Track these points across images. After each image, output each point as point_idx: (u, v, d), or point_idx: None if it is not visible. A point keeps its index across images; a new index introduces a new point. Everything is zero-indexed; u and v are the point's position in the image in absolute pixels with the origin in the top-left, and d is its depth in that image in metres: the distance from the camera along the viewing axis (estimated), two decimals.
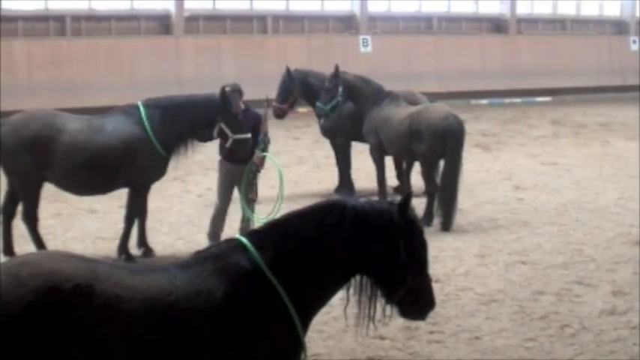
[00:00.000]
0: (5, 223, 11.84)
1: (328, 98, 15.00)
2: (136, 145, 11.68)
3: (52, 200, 14.11)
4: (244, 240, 5.61)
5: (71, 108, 13.75)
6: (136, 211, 12.10)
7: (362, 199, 5.84)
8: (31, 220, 11.78)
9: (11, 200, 11.93)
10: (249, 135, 12.01)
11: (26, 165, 11.48)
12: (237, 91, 12.16)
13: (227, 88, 12.05)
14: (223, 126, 11.93)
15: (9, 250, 11.67)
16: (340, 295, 5.91)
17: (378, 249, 5.67)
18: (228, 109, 11.91)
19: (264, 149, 12.12)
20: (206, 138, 12.24)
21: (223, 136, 12.01)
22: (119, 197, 12.95)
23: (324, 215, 5.67)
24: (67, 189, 12.03)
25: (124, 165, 11.68)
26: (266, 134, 12.11)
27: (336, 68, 15.05)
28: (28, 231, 11.82)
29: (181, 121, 11.85)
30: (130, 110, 11.98)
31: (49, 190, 12.21)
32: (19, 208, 11.95)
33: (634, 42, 34.98)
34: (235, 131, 11.93)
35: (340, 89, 14.91)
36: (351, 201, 5.77)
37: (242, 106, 12.15)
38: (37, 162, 11.45)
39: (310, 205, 5.87)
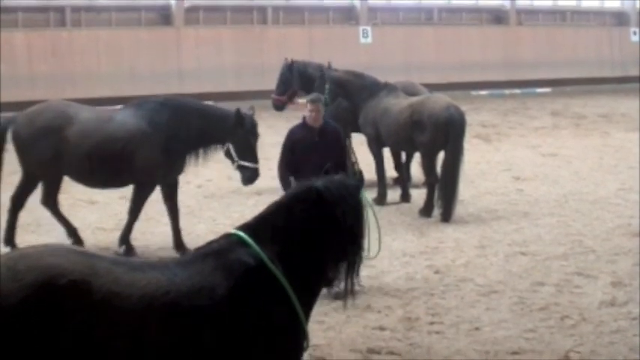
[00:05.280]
0: (12, 213, 11.87)
1: None
2: (138, 139, 11.61)
3: None
4: (244, 235, 5.62)
5: (71, 99, 13.72)
6: (139, 205, 12.00)
7: (323, 180, 5.89)
8: (52, 205, 11.86)
9: (23, 191, 11.96)
10: (257, 165, 11.70)
11: (41, 153, 11.56)
12: (318, 101, 10.96)
13: (248, 111, 11.72)
14: (231, 147, 11.72)
15: (10, 240, 11.69)
16: None
17: (353, 222, 5.81)
18: (239, 132, 11.64)
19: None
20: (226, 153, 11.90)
21: (230, 158, 11.82)
22: (119, 189, 12.94)
23: (306, 202, 5.72)
24: (78, 179, 12.00)
25: (126, 158, 11.62)
26: (353, 165, 10.79)
27: (323, 67, 15.14)
28: (52, 215, 11.91)
29: (189, 126, 11.66)
30: (144, 104, 11.93)
31: None
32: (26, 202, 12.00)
33: (634, 33, 34.96)
34: (242, 157, 11.71)
35: (327, 87, 14.92)
36: (319, 183, 5.82)
37: (321, 120, 10.80)
38: (51, 150, 11.51)
39: (286, 194, 5.99)
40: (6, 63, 23.66)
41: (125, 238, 11.98)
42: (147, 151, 11.65)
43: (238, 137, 11.67)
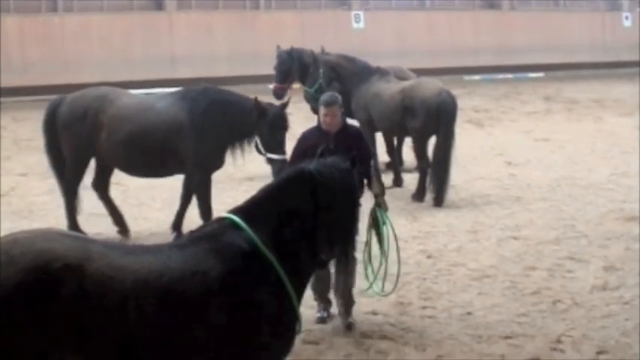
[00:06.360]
0: (104, 198, 12.06)
1: (312, 81, 15.09)
2: (175, 130, 11.33)
3: (46, 177, 14.05)
4: (237, 219, 5.63)
5: (63, 84, 13.73)
6: (202, 193, 11.73)
7: (315, 163, 5.93)
8: (71, 195, 11.79)
9: (97, 176, 12.06)
10: (284, 156, 10.70)
11: (74, 136, 11.55)
12: (333, 104, 8.93)
13: (262, 102, 11.25)
14: (258, 140, 11.22)
15: (122, 225, 11.97)
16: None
17: (346, 205, 5.84)
18: (262, 123, 11.10)
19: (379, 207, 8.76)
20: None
21: (259, 151, 11.34)
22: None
23: (299, 185, 5.74)
24: (114, 165, 11.91)
25: (163, 147, 11.40)
26: (376, 197, 8.65)
27: (315, 53, 15.17)
28: (65, 205, 11.85)
29: (223, 119, 11.27)
30: (188, 93, 11.62)
31: (42, 166, 12.19)
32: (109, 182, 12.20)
33: (627, 18, 34.97)
34: (268, 149, 11.15)
35: (321, 71, 14.92)
36: (312, 165, 5.85)
37: (337, 125, 8.91)
38: (85, 134, 11.48)
39: (279, 177, 6.01)
40: None
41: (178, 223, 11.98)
42: (184, 141, 11.35)
43: (262, 129, 11.14)
